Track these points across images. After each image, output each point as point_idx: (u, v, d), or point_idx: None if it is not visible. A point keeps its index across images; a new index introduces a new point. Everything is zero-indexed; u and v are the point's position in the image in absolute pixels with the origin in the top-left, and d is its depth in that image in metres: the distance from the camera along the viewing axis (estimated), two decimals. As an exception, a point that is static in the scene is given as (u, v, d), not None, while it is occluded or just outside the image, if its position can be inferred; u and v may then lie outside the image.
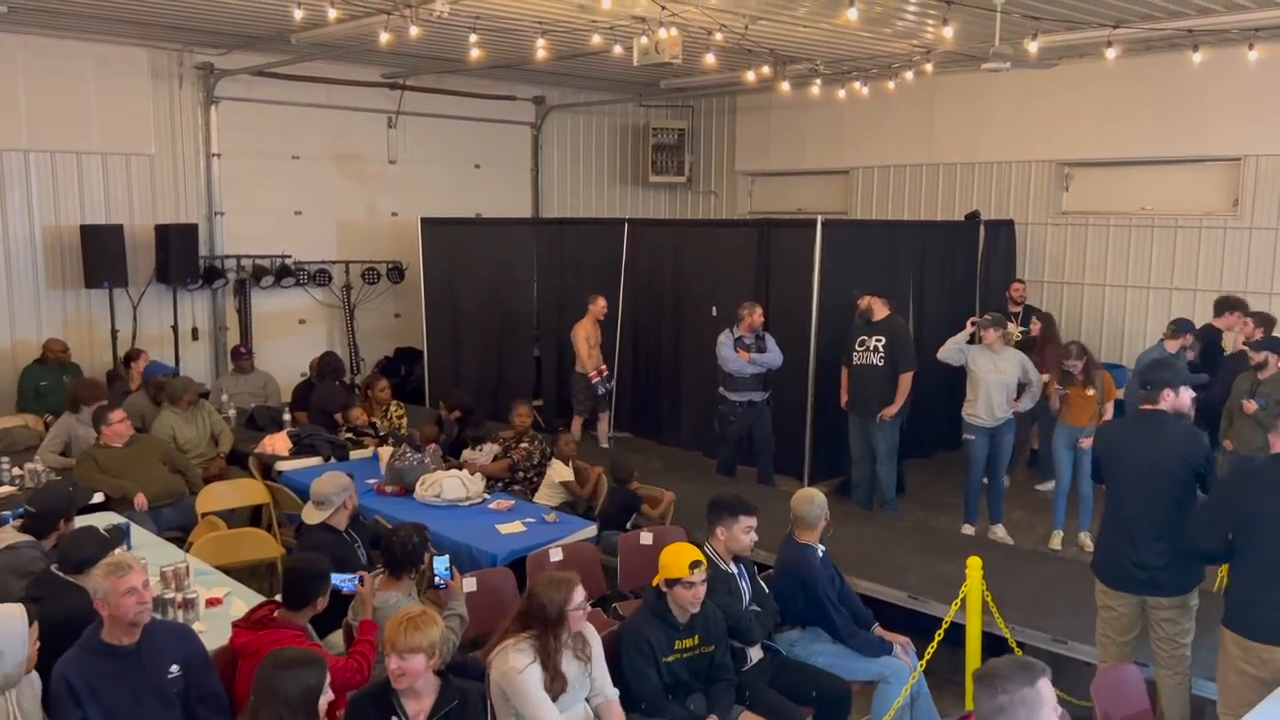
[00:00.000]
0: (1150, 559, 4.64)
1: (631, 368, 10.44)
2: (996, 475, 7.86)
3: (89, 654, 3.78)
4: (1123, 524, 4.76)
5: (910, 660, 5.09)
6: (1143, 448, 4.75)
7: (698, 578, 4.47)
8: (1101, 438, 5.17)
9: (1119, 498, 4.84)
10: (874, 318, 8.00)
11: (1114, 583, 4.80)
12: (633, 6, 7.90)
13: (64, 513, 5.23)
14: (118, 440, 7.09)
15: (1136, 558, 4.67)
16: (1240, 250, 9.82)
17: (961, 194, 11.70)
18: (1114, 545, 4.80)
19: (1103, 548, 4.97)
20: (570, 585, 4.12)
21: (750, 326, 8.37)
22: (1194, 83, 9.58)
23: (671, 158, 14.09)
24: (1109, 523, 4.90)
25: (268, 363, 10.69)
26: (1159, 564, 4.64)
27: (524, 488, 7.46)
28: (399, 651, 3.61)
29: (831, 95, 11.09)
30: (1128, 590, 4.76)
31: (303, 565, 4.41)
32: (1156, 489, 4.67)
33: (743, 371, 8.37)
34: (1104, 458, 4.95)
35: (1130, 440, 4.84)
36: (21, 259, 9.94)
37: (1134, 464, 4.74)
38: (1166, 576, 4.65)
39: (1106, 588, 4.84)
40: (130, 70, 10.38)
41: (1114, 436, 5.06)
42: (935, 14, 8.14)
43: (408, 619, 3.69)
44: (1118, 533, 4.78)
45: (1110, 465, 4.89)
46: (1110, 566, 4.83)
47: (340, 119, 11.77)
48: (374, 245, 12.11)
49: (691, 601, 4.48)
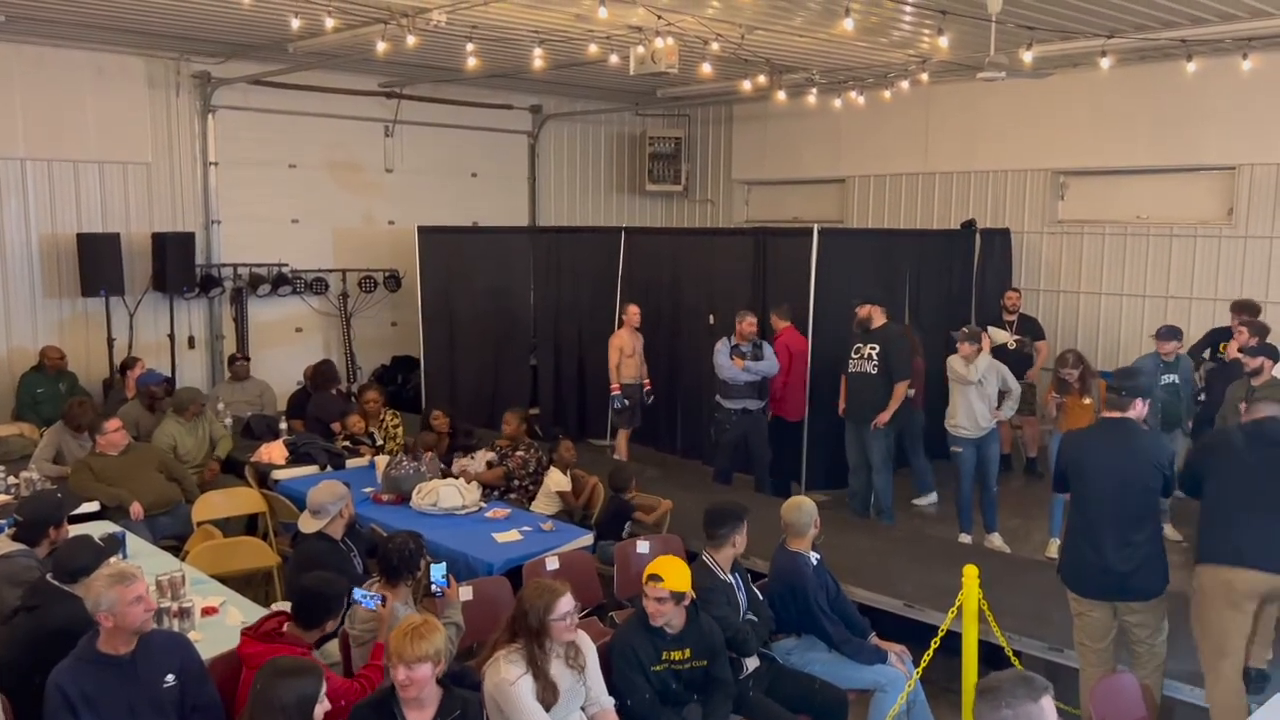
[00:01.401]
0: (1119, 564, 4.68)
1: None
2: (987, 484, 7.86)
3: (84, 664, 3.77)
4: (1091, 532, 4.77)
5: (906, 668, 5.09)
6: (1113, 455, 4.77)
7: (652, 591, 4.44)
8: (1069, 447, 5.08)
9: (1087, 505, 4.84)
10: (871, 326, 8.03)
11: (1085, 590, 4.83)
12: (629, 16, 7.92)
13: (53, 519, 5.19)
14: (113, 449, 7.08)
15: (1105, 564, 4.70)
16: (1235, 259, 9.84)
17: (957, 203, 11.73)
18: (1082, 553, 4.81)
19: (1070, 557, 4.96)
20: (554, 594, 4.07)
21: (743, 334, 8.39)
22: (1188, 92, 9.62)
23: (668, 166, 14.12)
24: (1076, 531, 4.89)
25: (264, 371, 10.68)
26: (1128, 569, 4.69)
27: (520, 496, 7.45)
28: (406, 662, 3.57)
29: (827, 104, 11.12)
30: (1099, 597, 4.80)
31: (320, 586, 4.31)
32: (1127, 495, 4.71)
33: (737, 379, 8.38)
34: (1071, 467, 4.92)
35: (1098, 448, 4.85)
36: (18, 267, 9.94)
37: (1104, 471, 4.76)
38: (1136, 581, 4.71)
39: (1084, 599, 4.85)
40: (127, 79, 10.39)
41: (1081, 445, 5.00)
42: (931, 24, 8.17)
43: (412, 629, 3.65)
44: (1085, 540, 4.79)
45: (1078, 473, 4.88)
46: (1079, 575, 4.85)
47: (337, 128, 11.78)
48: (371, 254, 12.11)
49: (653, 614, 4.46)
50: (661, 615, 4.46)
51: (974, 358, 7.60)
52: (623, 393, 9.40)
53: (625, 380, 9.42)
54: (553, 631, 4.05)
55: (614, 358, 9.41)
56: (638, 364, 9.51)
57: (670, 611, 4.48)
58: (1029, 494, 8.97)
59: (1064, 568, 4.99)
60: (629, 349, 9.45)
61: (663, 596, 4.44)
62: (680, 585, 4.48)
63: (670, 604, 4.46)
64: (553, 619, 4.04)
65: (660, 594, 4.44)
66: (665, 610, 4.46)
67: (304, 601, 4.23)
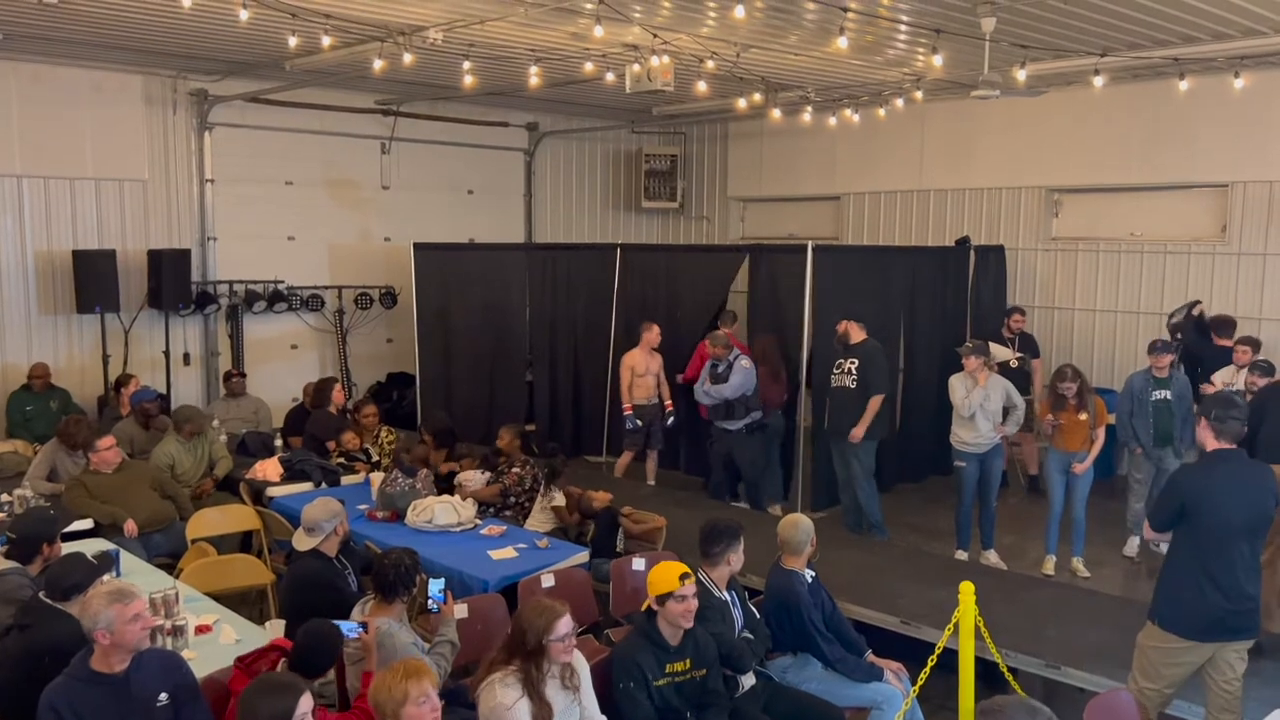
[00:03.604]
0: (1246, 603, 4.51)
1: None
2: (987, 500, 7.87)
3: (77, 682, 3.74)
4: (1215, 571, 4.48)
5: (903, 686, 5.07)
6: (1246, 490, 4.53)
7: (689, 590, 4.44)
8: (1191, 480, 4.68)
9: (1211, 543, 4.50)
10: (850, 341, 8.09)
11: (1204, 635, 4.53)
12: (625, 35, 7.97)
13: (46, 537, 5.17)
14: (106, 467, 7.06)
15: (1233, 605, 4.48)
16: (1229, 275, 9.88)
17: (952, 220, 11.77)
18: (1205, 596, 4.50)
19: (1187, 601, 4.56)
20: (554, 615, 4.02)
21: (715, 355, 8.50)
22: (1182, 110, 9.68)
23: (664, 183, 14.16)
24: (1194, 571, 4.53)
25: (259, 388, 10.67)
26: (1252, 606, 4.54)
27: (516, 513, 7.44)
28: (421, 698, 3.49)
29: (823, 122, 11.18)
30: (1219, 640, 4.53)
31: (316, 639, 4.18)
32: (1259, 530, 4.58)
33: (702, 400, 8.59)
34: (1196, 503, 4.53)
35: (1229, 483, 4.54)
36: (13, 284, 9.93)
37: (1237, 507, 4.50)
38: (1253, 619, 4.58)
39: (1188, 641, 4.55)
40: (124, 96, 10.42)
41: (1207, 479, 4.60)
42: (925, 42, 8.22)
43: (404, 672, 3.54)
44: (1207, 580, 4.49)
45: (1203, 508, 4.51)
46: (1198, 619, 4.52)
47: (334, 145, 11.81)
48: (367, 270, 12.12)
49: (684, 615, 4.44)
50: (691, 615, 4.46)
51: (979, 370, 7.61)
52: (635, 413, 9.28)
53: (637, 401, 9.28)
54: (551, 652, 4.01)
55: (625, 377, 9.28)
56: (652, 385, 9.32)
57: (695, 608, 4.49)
58: (1024, 511, 8.98)
59: (1167, 611, 4.62)
60: (641, 369, 9.27)
61: (695, 593, 4.47)
62: (692, 580, 4.51)
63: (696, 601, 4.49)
64: (552, 640, 3.99)
65: (693, 590, 4.47)
66: (694, 606, 4.47)
67: (303, 655, 4.13)
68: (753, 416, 8.58)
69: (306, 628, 4.20)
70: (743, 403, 8.51)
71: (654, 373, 9.33)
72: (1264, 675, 5.10)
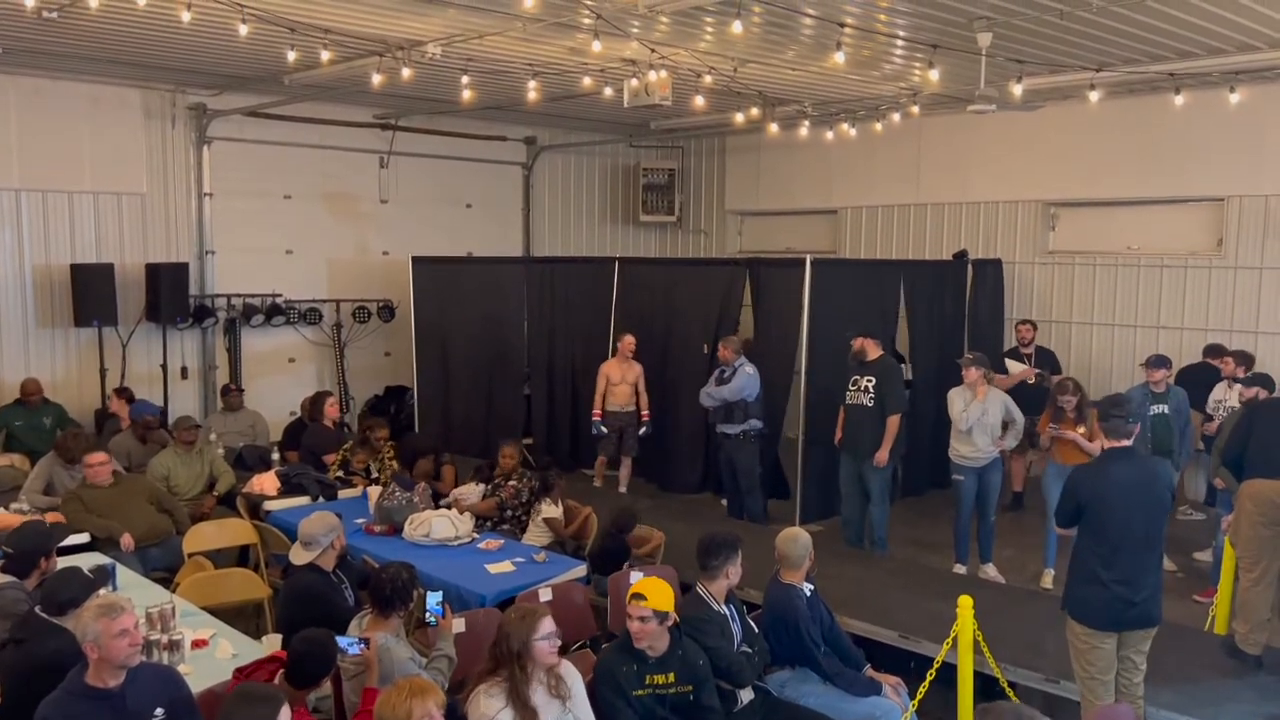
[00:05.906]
0: (1139, 593, 4.70)
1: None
2: (986, 514, 7.85)
3: (73, 697, 3.73)
4: (1117, 564, 4.70)
5: (902, 700, 5.06)
6: (1135, 483, 4.74)
7: (634, 610, 4.42)
8: (1086, 480, 4.87)
9: (1108, 536, 4.72)
10: (866, 358, 8.03)
11: (1102, 623, 4.76)
12: (623, 49, 8.00)
13: (43, 551, 5.15)
14: (99, 481, 7.04)
15: (1135, 595, 4.69)
16: (1225, 289, 9.91)
17: (949, 234, 11.80)
18: (1101, 586, 4.72)
19: (1084, 591, 4.81)
20: (536, 615, 4.07)
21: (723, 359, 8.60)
22: (1177, 125, 9.72)
23: (662, 197, 14.20)
24: (1093, 564, 4.74)
25: (257, 401, 10.66)
26: (1145, 596, 4.73)
27: (513, 526, 7.42)
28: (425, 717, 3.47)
29: (820, 136, 11.21)
30: (1125, 629, 4.78)
31: (311, 649, 4.17)
32: (1150, 522, 4.75)
33: (703, 403, 8.69)
34: (1091, 502, 4.76)
35: (1119, 478, 4.76)
36: (11, 298, 9.94)
37: (1127, 501, 4.72)
38: (1153, 608, 4.79)
39: (1097, 630, 4.77)
40: (123, 110, 10.45)
41: (1101, 476, 4.84)
42: (921, 57, 8.25)
43: (410, 690, 3.53)
44: (1106, 572, 4.71)
45: (1099, 506, 4.74)
46: (1104, 610, 4.74)
47: (332, 159, 11.83)
48: (365, 284, 12.13)
49: (636, 634, 4.42)
50: (645, 636, 4.43)
51: (979, 383, 7.61)
52: (603, 419, 9.46)
53: (610, 408, 9.48)
54: (535, 653, 4.01)
55: (600, 384, 9.50)
56: (628, 393, 9.48)
57: (654, 631, 4.44)
58: (1021, 524, 8.95)
59: (1074, 602, 4.86)
60: (616, 377, 9.48)
61: (645, 615, 4.41)
62: (663, 605, 4.45)
63: (653, 623, 4.42)
64: (536, 639, 4.01)
65: (643, 613, 4.41)
66: (649, 630, 4.42)
67: (297, 665, 4.14)
68: (751, 424, 8.58)
69: (302, 635, 4.20)
70: (741, 407, 8.53)
71: (630, 382, 9.50)
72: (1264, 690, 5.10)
